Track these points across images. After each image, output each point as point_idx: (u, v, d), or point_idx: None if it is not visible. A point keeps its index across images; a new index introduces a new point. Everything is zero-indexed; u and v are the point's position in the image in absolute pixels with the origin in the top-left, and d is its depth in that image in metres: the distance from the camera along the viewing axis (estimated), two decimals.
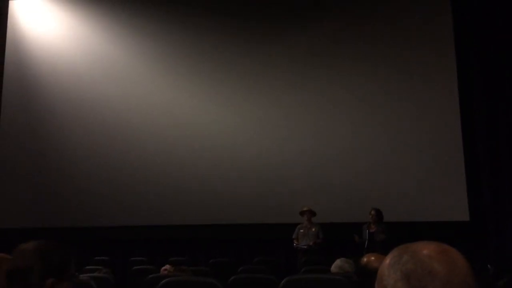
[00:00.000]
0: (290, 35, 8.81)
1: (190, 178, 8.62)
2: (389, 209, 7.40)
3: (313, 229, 7.40)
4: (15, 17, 9.75)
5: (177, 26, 9.22)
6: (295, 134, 8.56)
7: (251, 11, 9.14)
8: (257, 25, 9.02)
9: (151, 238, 8.55)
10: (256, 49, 8.92)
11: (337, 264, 3.49)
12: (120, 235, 8.61)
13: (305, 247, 7.27)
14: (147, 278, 3.53)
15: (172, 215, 8.56)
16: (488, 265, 5.52)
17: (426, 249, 0.96)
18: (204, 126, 8.83)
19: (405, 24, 8.57)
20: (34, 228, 8.66)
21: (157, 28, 9.26)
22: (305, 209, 7.51)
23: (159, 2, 9.40)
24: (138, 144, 8.91)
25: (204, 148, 8.72)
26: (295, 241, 7.46)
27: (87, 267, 5.81)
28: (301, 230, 7.46)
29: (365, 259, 2.36)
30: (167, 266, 3.91)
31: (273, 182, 8.36)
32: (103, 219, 8.68)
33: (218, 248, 8.43)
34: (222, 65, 9.00)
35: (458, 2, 8.35)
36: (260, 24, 9.00)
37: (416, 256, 0.95)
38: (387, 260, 0.99)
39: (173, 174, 8.70)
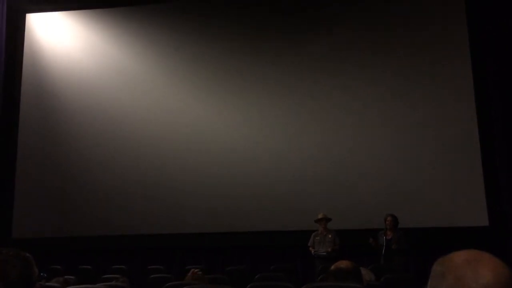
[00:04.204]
0: (301, 41, 8.82)
1: (207, 186, 8.63)
2: (407, 215, 7.33)
3: (329, 236, 7.33)
4: (32, 30, 9.93)
5: (187, 35, 9.29)
6: (311, 141, 8.53)
7: (259, 19, 9.17)
8: (266, 33, 9.04)
9: (168, 247, 8.56)
10: (269, 58, 8.93)
11: None
12: (137, 244, 8.65)
13: (324, 253, 7.21)
14: (165, 286, 3.54)
15: (189, 223, 8.57)
16: None
17: (458, 255, 1.01)
18: (221, 135, 8.85)
19: (417, 29, 8.52)
20: (53, 237, 8.77)
21: (169, 37, 9.33)
22: (320, 216, 7.45)
23: (172, 13, 9.49)
24: (154, 153, 8.96)
25: (219, 156, 8.74)
26: (311, 249, 7.41)
27: (105, 276, 5.85)
28: (317, 238, 7.41)
29: (334, 265, 2.86)
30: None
31: (290, 189, 8.33)
32: (120, 228, 8.73)
33: (235, 255, 8.41)
34: (235, 74, 9.02)
35: (471, 5, 8.28)
36: (269, 32, 9.03)
37: (442, 260, 1.02)
38: None
39: (190, 182, 8.72)
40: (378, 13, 8.74)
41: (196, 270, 4.13)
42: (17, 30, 9.86)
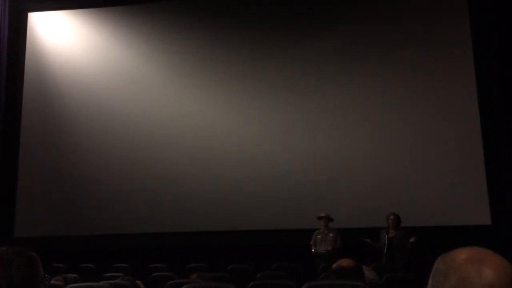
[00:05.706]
0: (308, 39, 8.82)
1: (208, 185, 8.63)
2: (409, 214, 7.32)
3: (331, 235, 7.33)
4: (34, 29, 9.94)
5: (190, 33, 9.29)
6: (314, 140, 8.53)
7: (266, 19, 9.16)
8: (272, 32, 9.03)
9: (170, 245, 8.57)
10: (273, 56, 8.92)
11: None
12: (140, 242, 8.66)
13: (323, 252, 7.21)
14: (167, 284, 3.54)
15: (191, 222, 8.58)
16: None
17: (461, 254, 1.00)
18: (222, 134, 8.86)
19: (418, 29, 8.51)
20: (56, 236, 8.78)
21: (173, 37, 9.34)
22: (322, 214, 7.46)
23: (174, 12, 9.49)
24: (156, 152, 8.97)
25: (222, 155, 8.74)
26: (313, 247, 7.41)
27: (107, 274, 5.86)
28: (319, 236, 7.41)
29: (336, 263, 2.80)
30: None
31: (291, 188, 8.33)
32: (122, 227, 8.75)
33: (237, 254, 8.41)
34: (238, 72, 9.03)
35: (474, 4, 8.27)
36: (276, 31, 9.02)
37: (444, 258, 1.01)
38: None
39: (192, 181, 8.73)
40: (379, 14, 8.72)
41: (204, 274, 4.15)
42: (19, 29, 9.87)
